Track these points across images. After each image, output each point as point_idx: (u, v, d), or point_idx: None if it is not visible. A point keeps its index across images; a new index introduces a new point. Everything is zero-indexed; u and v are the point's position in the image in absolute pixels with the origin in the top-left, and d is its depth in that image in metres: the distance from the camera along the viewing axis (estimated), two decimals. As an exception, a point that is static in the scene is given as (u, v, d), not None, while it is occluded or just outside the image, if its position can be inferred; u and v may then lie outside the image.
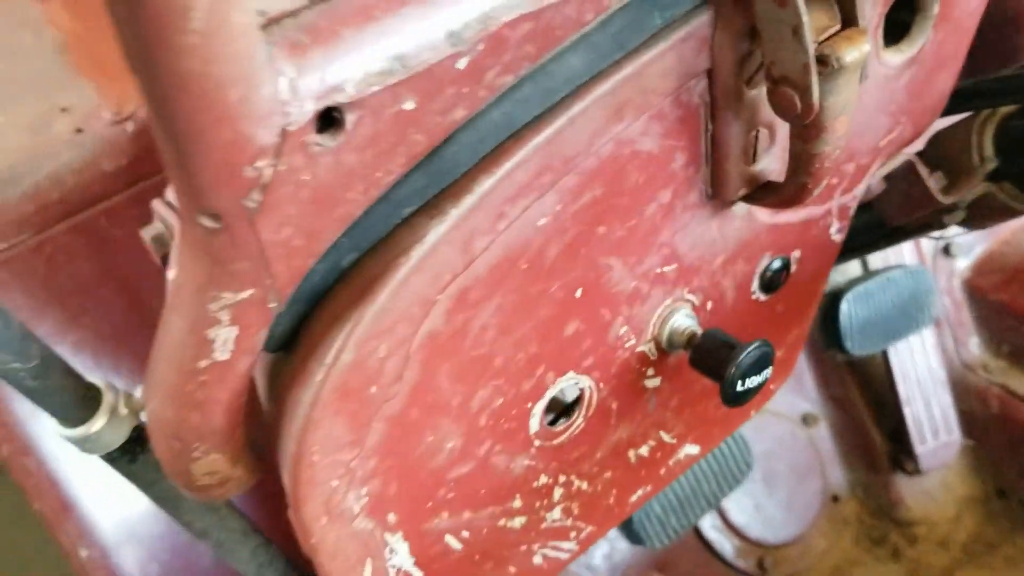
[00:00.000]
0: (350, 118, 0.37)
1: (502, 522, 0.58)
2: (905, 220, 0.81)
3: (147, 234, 0.94)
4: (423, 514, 0.53)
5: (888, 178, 0.80)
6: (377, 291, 0.43)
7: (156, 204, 0.97)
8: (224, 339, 0.42)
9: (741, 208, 0.59)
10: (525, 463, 0.57)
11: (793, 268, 0.66)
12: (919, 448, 1.46)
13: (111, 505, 1.17)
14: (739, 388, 0.55)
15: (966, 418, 1.49)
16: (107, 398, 0.56)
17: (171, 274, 0.89)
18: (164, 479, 0.63)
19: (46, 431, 1.14)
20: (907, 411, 1.46)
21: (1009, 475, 1.45)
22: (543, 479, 0.59)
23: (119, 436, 0.57)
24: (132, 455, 0.60)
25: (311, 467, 0.45)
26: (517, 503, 0.58)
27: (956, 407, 1.50)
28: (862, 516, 1.51)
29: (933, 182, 0.76)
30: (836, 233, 0.68)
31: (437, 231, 0.44)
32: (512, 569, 0.61)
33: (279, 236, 0.39)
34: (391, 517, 0.51)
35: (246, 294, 0.40)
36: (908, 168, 0.77)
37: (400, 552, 0.53)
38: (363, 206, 0.42)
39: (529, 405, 0.54)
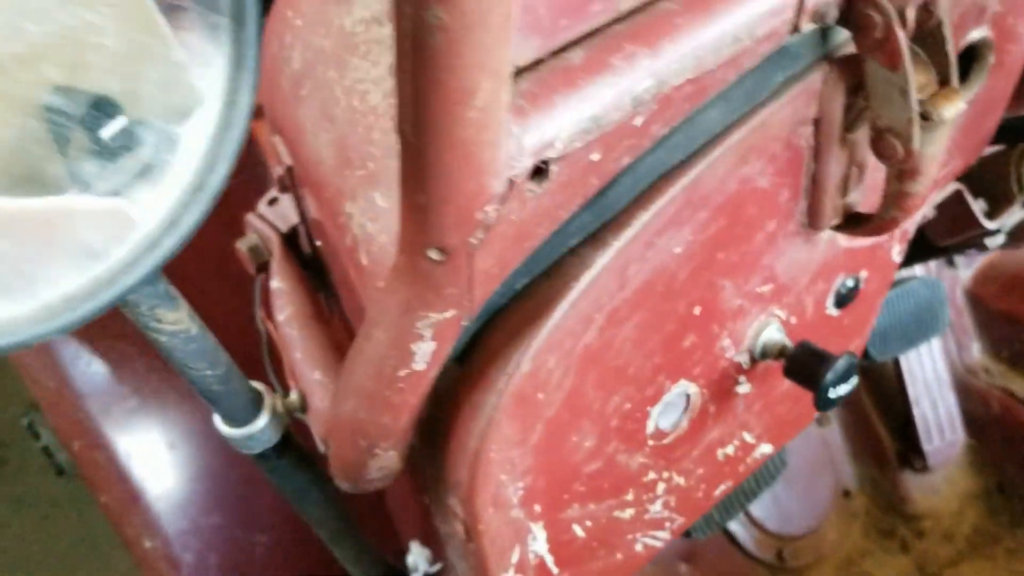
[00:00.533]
0: (554, 169, 0.44)
1: (616, 513, 0.65)
2: (951, 241, 0.90)
3: (243, 245, 0.99)
4: (560, 505, 0.60)
5: (939, 205, 0.88)
6: (551, 310, 0.50)
7: (251, 218, 1.02)
8: (424, 352, 0.48)
9: (826, 234, 0.67)
10: (640, 460, 0.64)
11: (861, 286, 0.74)
12: (927, 447, 1.55)
13: (174, 499, 1.23)
14: (831, 395, 0.63)
15: (969, 418, 1.59)
16: (267, 400, 0.62)
17: (275, 283, 0.94)
18: (301, 474, 0.69)
19: (116, 428, 1.19)
20: (916, 412, 1.55)
21: (1009, 472, 1.55)
22: (651, 475, 0.66)
23: (276, 434, 0.63)
24: (280, 452, 0.66)
25: (488, 463, 0.52)
26: (629, 496, 0.65)
27: (960, 408, 1.59)
28: (871, 510, 1.60)
29: (978, 208, 0.84)
30: (896, 255, 0.76)
31: (601, 260, 0.51)
32: (619, 556, 0.68)
33: (484, 265, 0.46)
34: (537, 507, 0.58)
35: (448, 314, 0.47)
36: (957, 196, 0.85)
37: (539, 538, 0.60)
38: (543, 238, 0.49)
39: (648, 409, 0.62)
